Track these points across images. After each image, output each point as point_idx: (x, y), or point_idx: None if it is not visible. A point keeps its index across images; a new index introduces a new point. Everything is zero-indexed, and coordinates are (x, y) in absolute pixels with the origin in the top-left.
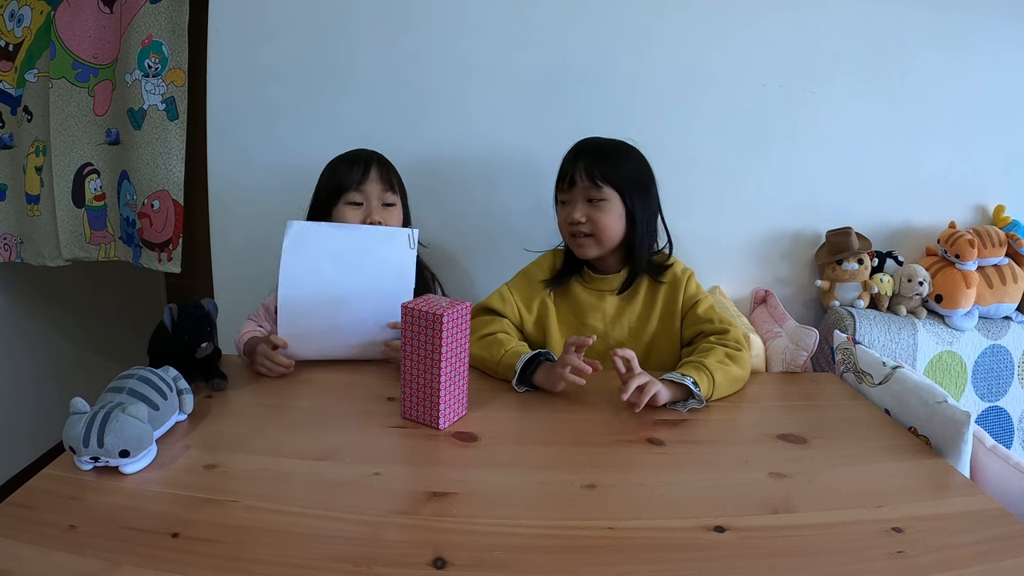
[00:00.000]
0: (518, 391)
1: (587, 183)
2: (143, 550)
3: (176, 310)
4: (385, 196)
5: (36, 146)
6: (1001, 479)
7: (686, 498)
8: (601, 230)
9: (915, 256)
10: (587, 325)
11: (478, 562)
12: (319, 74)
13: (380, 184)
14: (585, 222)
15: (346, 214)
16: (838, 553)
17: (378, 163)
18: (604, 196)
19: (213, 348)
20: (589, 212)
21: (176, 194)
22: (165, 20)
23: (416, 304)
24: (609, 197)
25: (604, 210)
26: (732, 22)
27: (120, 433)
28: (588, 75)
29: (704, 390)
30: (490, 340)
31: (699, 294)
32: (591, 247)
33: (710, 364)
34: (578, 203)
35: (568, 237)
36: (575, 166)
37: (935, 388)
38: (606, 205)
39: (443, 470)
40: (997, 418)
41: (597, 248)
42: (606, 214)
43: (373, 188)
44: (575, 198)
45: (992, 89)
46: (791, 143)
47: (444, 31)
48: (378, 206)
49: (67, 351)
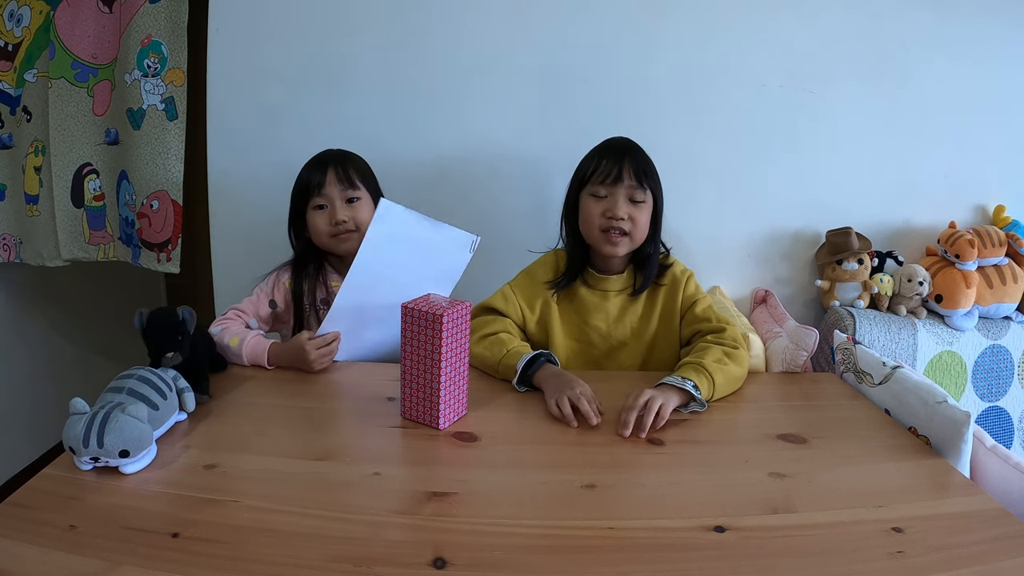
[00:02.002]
0: (519, 391)
1: (634, 183)
2: (143, 550)
3: (146, 315)
4: (346, 194)
5: (35, 146)
6: (1001, 479)
7: (686, 498)
8: (639, 230)
9: (915, 256)
10: (590, 325)
11: (478, 562)
12: (319, 74)
13: (339, 185)
14: (627, 219)
15: (314, 217)
16: (838, 553)
17: (336, 163)
18: (645, 199)
19: (182, 359)
20: (631, 211)
21: (175, 194)
22: (164, 20)
23: (416, 304)
24: (647, 200)
25: (643, 211)
26: (732, 22)
27: (120, 433)
28: (588, 75)
29: (704, 392)
30: (492, 340)
31: (697, 294)
32: (624, 245)
33: (709, 365)
34: (621, 200)
35: (599, 232)
36: (622, 163)
37: (935, 388)
38: (645, 207)
39: (443, 470)
40: (997, 418)
41: (629, 247)
42: (645, 216)
43: (333, 190)
44: (618, 195)
45: (992, 90)
46: (791, 143)
47: (444, 31)
48: (341, 204)
49: (67, 351)
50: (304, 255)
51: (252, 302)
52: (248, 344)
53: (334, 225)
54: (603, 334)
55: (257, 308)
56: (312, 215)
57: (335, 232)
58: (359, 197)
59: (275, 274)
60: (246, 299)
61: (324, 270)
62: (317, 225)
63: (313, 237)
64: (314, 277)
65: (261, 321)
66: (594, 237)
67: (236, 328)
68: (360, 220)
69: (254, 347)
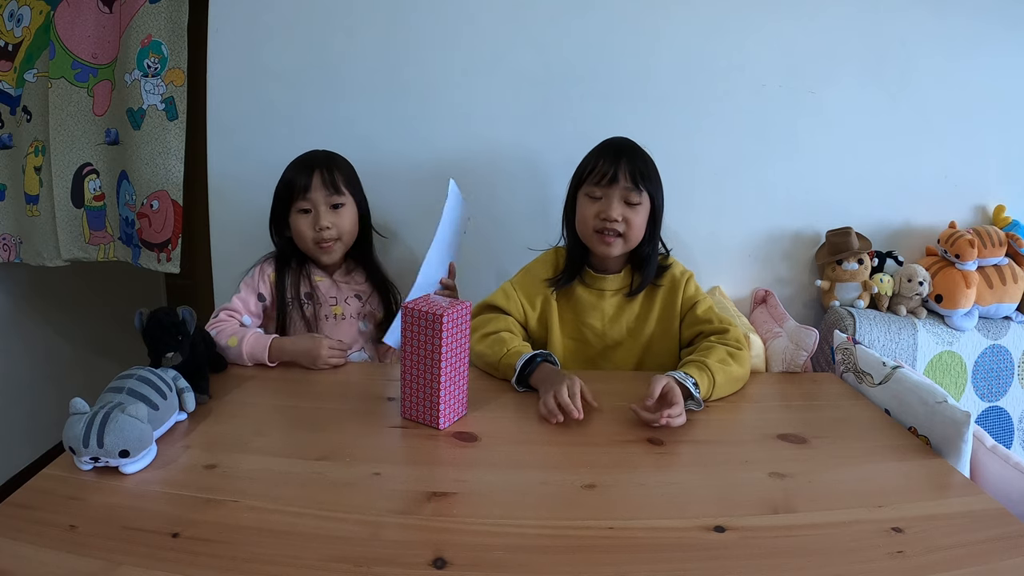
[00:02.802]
0: (518, 390)
1: (629, 184)
2: (143, 550)
3: (146, 315)
4: (331, 199)
5: (35, 146)
6: (1001, 479)
7: (686, 498)
8: (633, 232)
9: (915, 256)
10: (586, 324)
11: (478, 562)
12: (319, 74)
13: (324, 190)
14: (620, 221)
15: (298, 220)
16: (838, 553)
17: (322, 168)
18: (641, 200)
19: (182, 359)
20: (625, 212)
21: (175, 194)
22: (164, 20)
23: (416, 304)
24: (644, 202)
25: (639, 213)
26: (733, 22)
27: (120, 433)
28: (589, 75)
29: (704, 391)
30: (494, 338)
31: (698, 295)
32: (618, 246)
33: (712, 364)
34: (615, 202)
35: (593, 233)
36: (618, 164)
37: (935, 388)
38: (641, 209)
39: (443, 470)
40: (997, 418)
41: (623, 248)
42: (640, 217)
43: (318, 195)
44: (612, 196)
45: (992, 90)
46: (791, 143)
47: (444, 31)
48: (326, 210)
49: (67, 351)
50: (286, 252)
51: (241, 299)
52: (248, 341)
53: (317, 231)
54: (598, 333)
55: (247, 304)
56: (296, 218)
57: (318, 240)
58: (344, 203)
59: (258, 268)
60: (234, 297)
61: (306, 265)
62: (301, 229)
63: (296, 240)
64: (296, 271)
65: (253, 317)
66: (588, 237)
67: (231, 328)
68: (343, 228)
69: (254, 344)
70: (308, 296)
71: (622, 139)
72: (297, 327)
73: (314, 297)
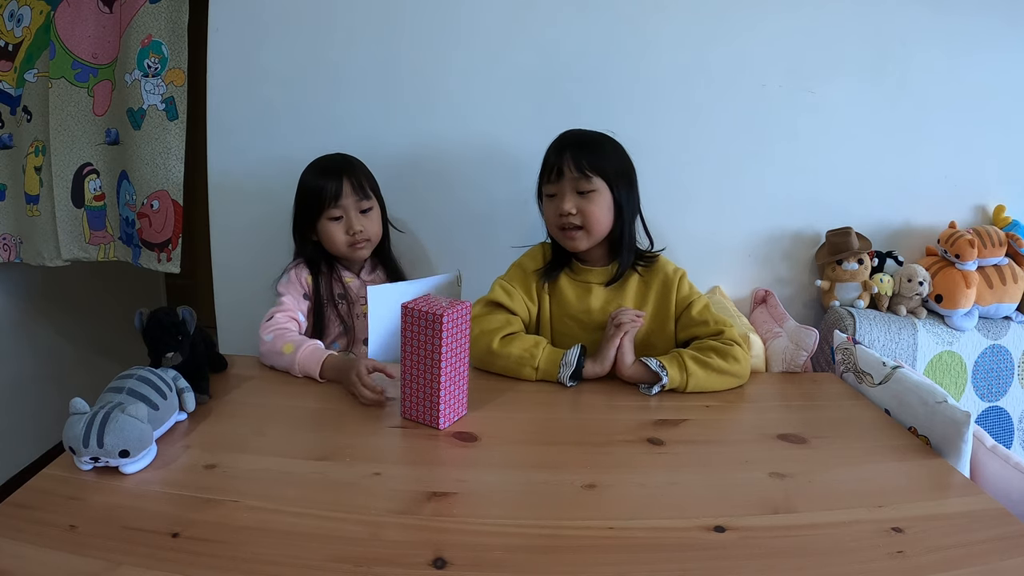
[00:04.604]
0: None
1: (576, 174)
2: (143, 550)
3: (146, 315)
4: (361, 204)
5: (35, 146)
6: (1001, 479)
7: (686, 498)
8: (592, 222)
9: (915, 256)
10: (571, 316)
11: (478, 562)
12: (319, 74)
13: (355, 195)
14: (576, 214)
15: (329, 227)
16: (838, 553)
17: (349, 174)
18: (594, 187)
19: (182, 359)
20: (579, 204)
21: (175, 194)
22: (165, 20)
23: (416, 304)
24: (599, 188)
25: (594, 201)
26: (732, 22)
27: (120, 433)
28: (587, 75)
29: (674, 376)
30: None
31: (692, 295)
32: (582, 240)
33: (686, 354)
34: (567, 195)
35: (557, 231)
36: (562, 157)
37: (935, 388)
38: (596, 196)
39: (443, 470)
40: (997, 418)
41: (588, 240)
42: (596, 205)
43: (349, 201)
44: (564, 190)
45: (992, 89)
46: (791, 143)
47: (442, 31)
48: (356, 215)
49: (67, 351)
50: (315, 256)
51: (292, 298)
52: (303, 351)
53: (351, 235)
54: (583, 325)
55: (299, 303)
56: (327, 225)
57: (352, 242)
58: (371, 207)
59: (293, 271)
60: (283, 297)
61: (335, 267)
62: (333, 236)
63: (327, 246)
64: (328, 274)
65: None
66: (556, 236)
67: (292, 335)
68: (371, 231)
69: (308, 356)
70: (341, 296)
71: (571, 131)
72: (334, 327)
73: (347, 297)
